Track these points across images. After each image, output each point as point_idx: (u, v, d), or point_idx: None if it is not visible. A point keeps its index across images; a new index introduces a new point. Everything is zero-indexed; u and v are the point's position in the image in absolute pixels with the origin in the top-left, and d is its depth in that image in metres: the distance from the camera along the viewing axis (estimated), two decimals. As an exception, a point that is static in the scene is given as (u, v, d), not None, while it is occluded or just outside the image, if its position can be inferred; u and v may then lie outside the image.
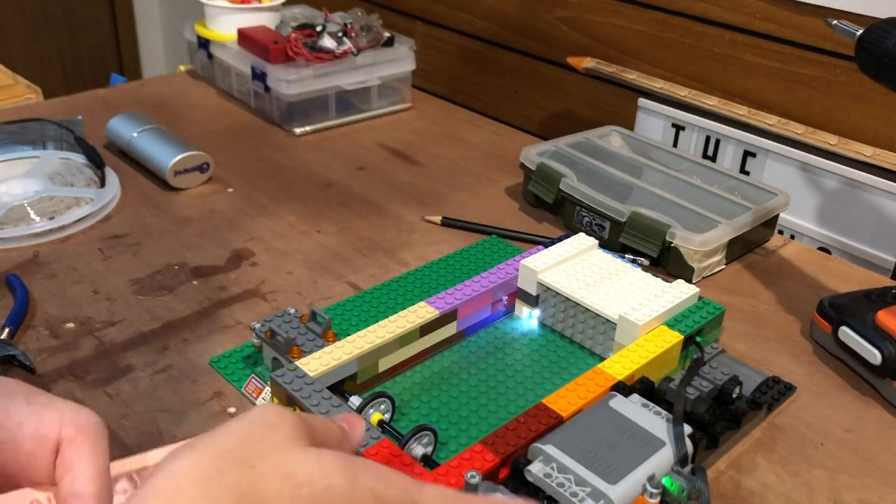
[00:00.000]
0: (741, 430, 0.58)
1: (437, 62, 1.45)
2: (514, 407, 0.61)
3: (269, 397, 0.59)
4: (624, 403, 0.54)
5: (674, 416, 0.52)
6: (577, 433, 0.51)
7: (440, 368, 0.64)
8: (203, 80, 1.22)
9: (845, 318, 0.66)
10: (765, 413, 0.61)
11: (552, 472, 0.48)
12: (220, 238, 0.82)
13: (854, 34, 0.65)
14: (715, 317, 0.66)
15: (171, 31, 2.48)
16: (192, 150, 0.91)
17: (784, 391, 0.63)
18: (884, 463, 0.58)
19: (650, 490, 0.48)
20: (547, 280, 0.68)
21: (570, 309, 0.67)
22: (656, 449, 0.50)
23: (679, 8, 1.08)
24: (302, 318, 0.63)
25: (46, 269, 0.75)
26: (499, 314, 0.71)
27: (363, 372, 0.60)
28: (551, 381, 0.64)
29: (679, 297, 0.65)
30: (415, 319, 0.62)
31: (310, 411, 0.53)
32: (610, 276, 0.69)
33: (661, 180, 0.88)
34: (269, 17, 1.16)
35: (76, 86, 2.41)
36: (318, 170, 0.97)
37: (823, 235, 0.96)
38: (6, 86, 1.23)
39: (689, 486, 0.49)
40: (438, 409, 0.60)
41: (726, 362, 0.64)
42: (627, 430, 0.51)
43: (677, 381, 0.57)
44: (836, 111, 0.97)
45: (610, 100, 1.21)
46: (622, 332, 0.64)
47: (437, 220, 0.86)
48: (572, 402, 0.55)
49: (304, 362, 0.57)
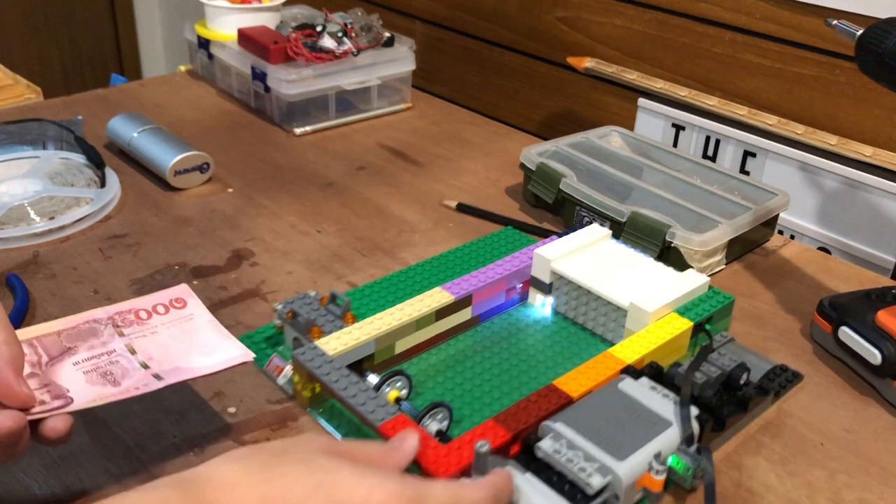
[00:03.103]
0: (748, 415, 0.59)
1: (437, 62, 1.45)
2: (526, 389, 0.63)
3: (289, 375, 0.61)
4: (633, 386, 0.55)
5: (681, 396, 0.54)
6: (587, 412, 0.53)
7: (455, 351, 0.66)
8: (203, 80, 1.22)
9: (845, 318, 0.66)
10: (772, 399, 0.62)
11: (561, 448, 0.50)
12: (220, 238, 0.82)
13: (854, 34, 0.65)
14: (724, 306, 0.68)
15: (171, 31, 2.48)
16: (192, 150, 0.91)
17: (791, 378, 0.64)
18: (883, 463, 0.58)
19: (656, 467, 0.49)
20: (560, 268, 0.69)
21: (582, 296, 0.69)
22: (663, 429, 0.52)
23: (679, 8, 1.08)
24: (322, 301, 0.65)
25: (46, 269, 0.75)
26: (513, 301, 0.72)
27: (380, 353, 0.62)
28: (563, 366, 0.65)
29: (689, 286, 0.67)
30: (431, 304, 0.64)
31: (329, 388, 0.55)
32: (622, 265, 0.70)
33: (661, 180, 0.88)
34: (269, 17, 1.16)
35: (76, 86, 2.41)
36: (318, 170, 0.97)
37: (823, 235, 0.96)
38: (6, 86, 1.23)
39: (694, 465, 0.51)
40: (453, 389, 0.62)
41: (735, 350, 0.65)
42: (635, 411, 0.53)
43: (686, 366, 0.58)
44: (836, 111, 0.97)
45: (610, 100, 1.21)
46: (633, 318, 0.65)
47: (452, 205, 0.88)
48: (582, 384, 0.57)
49: (324, 342, 0.59)
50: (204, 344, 0.56)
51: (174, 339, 0.56)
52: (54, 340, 0.53)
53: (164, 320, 0.57)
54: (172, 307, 0.58)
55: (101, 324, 0.55)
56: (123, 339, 0.54)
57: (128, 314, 0.56)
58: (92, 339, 0.54)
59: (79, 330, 0.54)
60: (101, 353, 0.53)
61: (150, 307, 0.58)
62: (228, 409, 0.59)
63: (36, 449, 0.54)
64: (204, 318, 0.58)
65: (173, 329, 0.56)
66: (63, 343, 0.53)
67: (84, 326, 0.55)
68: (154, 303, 0.58)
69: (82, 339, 0.54)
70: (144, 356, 0.54)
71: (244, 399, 0.61)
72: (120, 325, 0.55)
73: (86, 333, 0.54)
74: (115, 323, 0.55)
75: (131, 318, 0.56)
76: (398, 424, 0.52)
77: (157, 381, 0.52)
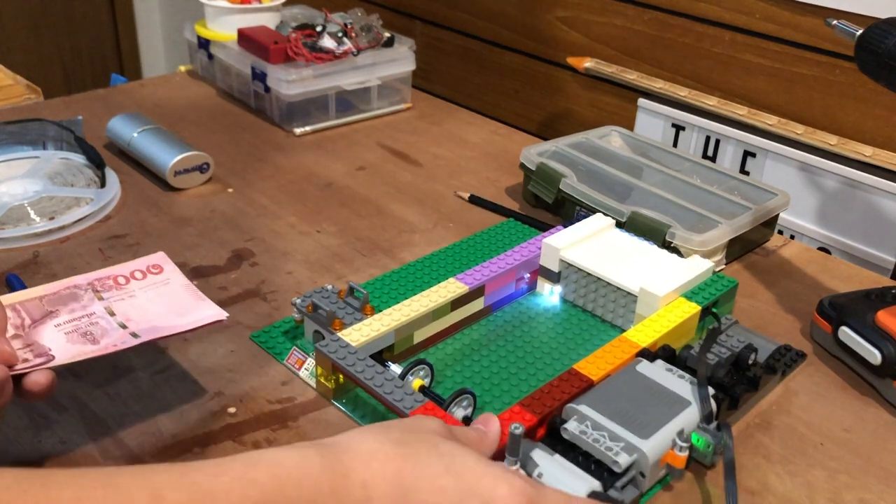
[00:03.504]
0: (758, 394, 0.62)
1: (437, 62, 1.45)
2: (543, 375, 0.64)
3: (311, 368, 0.62)
4: (650, 368, 0.58)
5: (698, 377, 0.56)
6: (608, 394, 0.55)
7: (470, 340, 0.68)
8: (203, 80, 1.22)
9: (845, 318, 0.66)
10: (779, 378, 0.64)
11: (587, 429, 0.52)
12: (220, 238, 0.82)
13: (854, 34, 0.65)
14: (729, 290, 0.70)
15: (171, 31, 2.48)
16: (192, 150, 0.91)
17: (796, 357, 0.66)
18: (883, 463, 0.58)
19: (680, 444, 0.51)
20: (569, 257, 0.71)
21: (591, 284, 0.71)
22: (683, 408, 0.54)
23: (679, 8, 1.08)
24: (340, 294, 0.66)
25: (46, 270, 0.75)
26: (521, 291, 0.74)
27: (399, 343, 0.64)
28: (576, 352, 0.68)
29: (695, 272, 0.69)
30: (446, 294, 0.66)
31: (356, 378, 0.57)
32: (628, 252, 0.72)
33: (661, 180, 0.88)
34: (269, 17, 1.16)
35: (76, 86, 2.41)
36: (318, 170, 0.97)
37: (823, 235, 0.96)
38: (6, 86, 1.23)
39: (715, 442, 0.53)
40: (471, 377, 0.64)
41: (740, 332, 0.67)
42: (655, 392, 0.55)
43: (697, 349, 0.61)
44: (836, 111, 0.97)
45: (610, 100, 1.21)
46: (643, 303, 0.67)
47: (465, 195, 0.91)
48: (601, 368, 0.59)
49: (346, 333, 0.61)
50: (180, 305, 0.59)
51: (151, 301, 0.59)
52: (36, 305, 0.56)
53: (141, 285, 0.60)
54: (150, 272, 0.61)
55: (81, 289, 0.58)
56: (103, 303, 0.57)
57: (107, 279, 0.59)
58: (73, 303, 0.57)
59: (60, 295, 0.57)
60: (82, 316, 0.56)
61: (129, 273, 0.61)
62: (228, 409, 0.59)
63: (32, 444, 0.55)
64: (180, 282, 0.61)
65: (150, 292, 0.59)
66: (45, 307, 0.56)
67: (65, 292, 0.58)
68: (132, 269, 0.61)
69: (63, 304, 0.56)
70: (123, 317, 0.57)
71: (244, 399, 0.61)
72: (99, 290, 0.58)
73: (67, 298, 0.57)
74: (95, 288, 0.58)
75: (110, 283, 0.59)
76: (427, 412, 0.53)
77: (134, 338, 0.54)
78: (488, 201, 0.90)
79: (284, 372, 0.64)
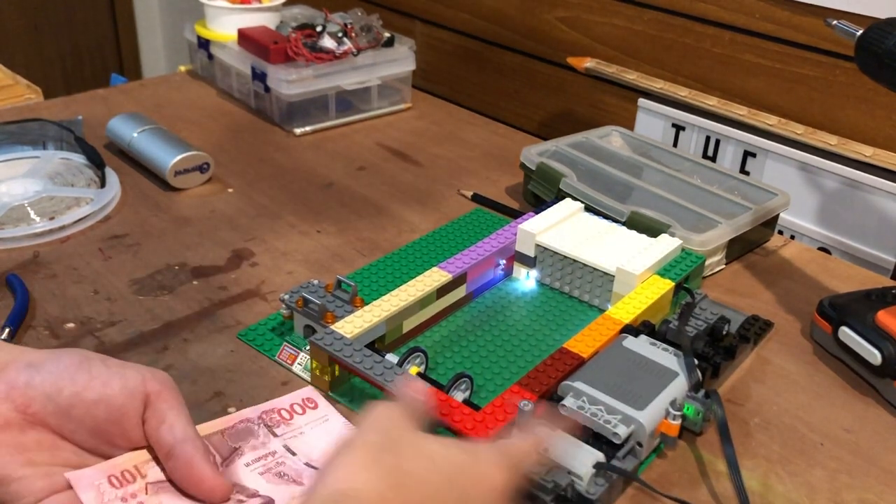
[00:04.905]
0: (734, 362, 0.65)
1: (437, 62, 1.45)
2: (530, 356, 0.67)
3: (305, 362, 0.63)
4: (635, 343, 0.60)
5: (682, 349, 0.59)
6: (600, 370, 0.57)
7: (456, 327, 0.70)
8: (203, 80, 1.22)
9: (845, 318, 0.66)
10: (751, 346, 0.68)
11: (584, 404, 0.54)
12: (220, 238, 0.82)
13: (854, 34, 0.65)
14: (697, 266, 0.74)
15: (171, 31, 2.48)
16: (192, 150, 0.91)
17: (764, 327, 0.70)
18: (883, 463, 0.58)
19: (673, 413, 0.54)
20: (545, 241, 0.74)
21: (567, 266, 0.73)
22: (671, 379, 0.57)
23: (679, 8, 1.08)
24: (327, 288, 0.66)
25: (46, 270, 0.75)
26: (499, 277, 0.77)
27: (390, 333, 0.65)
28: (559, 332, 0.70)
29: (665, 250, 0.72)
30: (431, 283, 0.68)
31: (355, 368, 0.58)
32: (599, 234, 0.75)
33: (661, 180, 0.88)
34: (269, 17, 1.16)
35: (76, 86, 2.41)
36: (318, 170, 0.97)
37: (823, 235, 0.96)
38: (6, 86, 1.23)
39: (704, 409, 0.56)
40: (462, 362, 0.66)
41: (711, 305, 0.70)
42: (643, 365, 0.58)
43: (675, 323, 0.63)
44: (836, 111, 0.97)
45: (610, 100, 1.21)
46: (620, 282, 0.70)
47: (468, 194, 0.92)
48: (590, 345, 0.62)
49: (339, 326, 0.62)
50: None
51: (320, 439, 0.55)
52: (220, 440, 0.52)
53: (305, 420, 0.56)
54: (307, 407, 0.58)
55: (253, 423, 0.54)
56: (279, 440, 0.54)
57: (272, 413, 0.56)
58: (251, 439, 0.53)
59: (237, 430, 0.54)
60: (266, 454, 0.52)
61: (289, 406, 0.57)
62: (228, 409, 0.59)
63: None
64: (339, 421, 0.57)
65: (318, 429, 0.56)
66: (228, 443, 0.52)
67: (241, 426, 0.54)
68: (290, 402, 0.57)
69: (242, 440, 0.53)
70: (305, 457, 0.53)
71: (244, 399, 0.61)
72: (270, 425, 0.55)
73: (244, 433, 0.53)
74: (265, 422, 0.55)
75: (276, 417, 0.55)
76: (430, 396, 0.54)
77: None
78: (490, 199, 0.91)
79: (284, 372, 0.64)
